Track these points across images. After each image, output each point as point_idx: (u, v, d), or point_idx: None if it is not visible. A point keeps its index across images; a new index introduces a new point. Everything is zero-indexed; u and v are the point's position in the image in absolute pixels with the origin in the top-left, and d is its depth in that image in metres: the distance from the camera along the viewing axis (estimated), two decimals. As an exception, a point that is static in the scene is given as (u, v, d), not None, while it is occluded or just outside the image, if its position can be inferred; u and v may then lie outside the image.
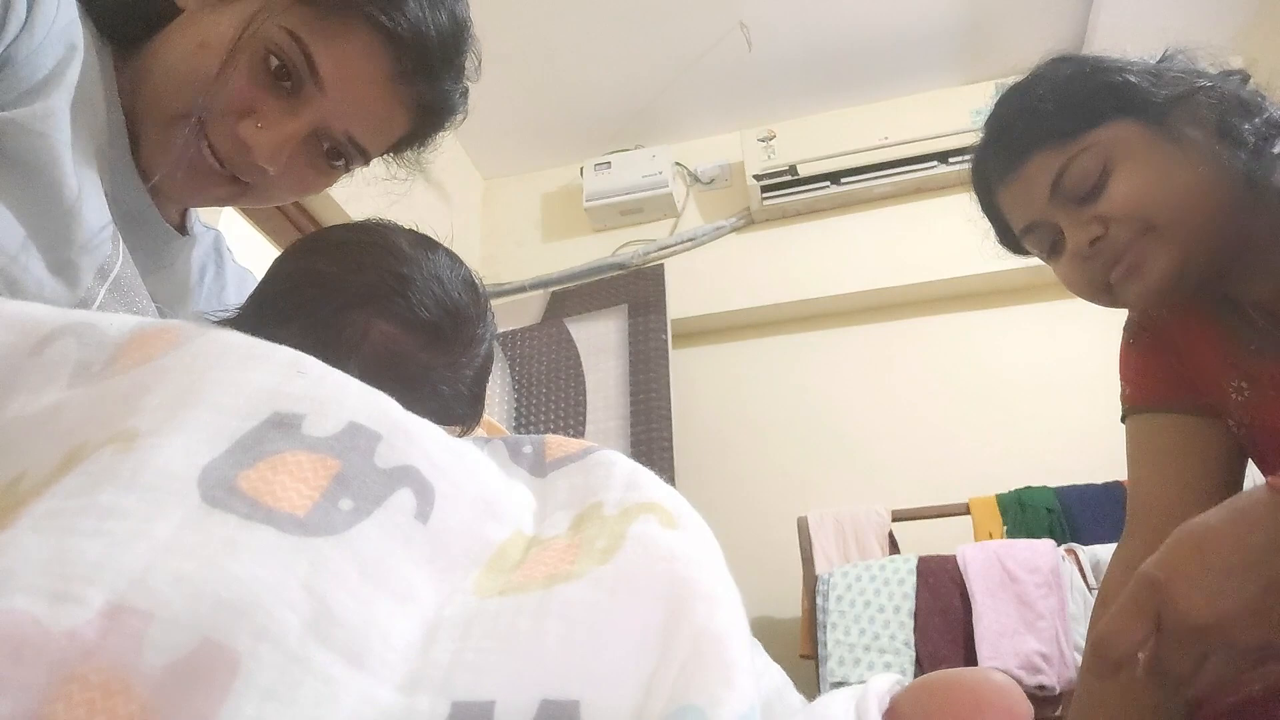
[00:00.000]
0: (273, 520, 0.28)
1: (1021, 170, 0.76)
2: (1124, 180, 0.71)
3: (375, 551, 0.30)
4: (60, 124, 0.52)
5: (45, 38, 0.51)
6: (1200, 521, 0.59)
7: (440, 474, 0.34)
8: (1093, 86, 0.74)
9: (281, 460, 0.30)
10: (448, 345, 0.50)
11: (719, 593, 0.32)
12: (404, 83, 0.62)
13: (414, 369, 0.48)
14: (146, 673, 0.23)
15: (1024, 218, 0.79)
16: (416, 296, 0.48)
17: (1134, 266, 0.72)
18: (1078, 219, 0.73)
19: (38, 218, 0.50)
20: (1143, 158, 0.71)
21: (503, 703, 0.26)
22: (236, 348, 0.36)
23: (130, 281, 0.58)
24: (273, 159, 0.60)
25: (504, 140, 2.78)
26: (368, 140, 0.64)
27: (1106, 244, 0.72)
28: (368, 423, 0.34)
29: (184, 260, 0.71)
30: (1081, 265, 0.75)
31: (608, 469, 0.41)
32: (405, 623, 0.29)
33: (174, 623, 0.23)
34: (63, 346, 0.37)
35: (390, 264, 0.50)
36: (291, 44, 0.58)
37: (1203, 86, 0.72)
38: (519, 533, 0.37)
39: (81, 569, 0.24)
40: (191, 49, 0.59)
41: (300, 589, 0.26)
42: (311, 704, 0.24)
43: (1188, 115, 0.71)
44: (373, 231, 0.53)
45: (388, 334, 0.48)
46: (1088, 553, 1.67)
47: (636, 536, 0.34)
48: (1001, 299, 2.39)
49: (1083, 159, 0.72)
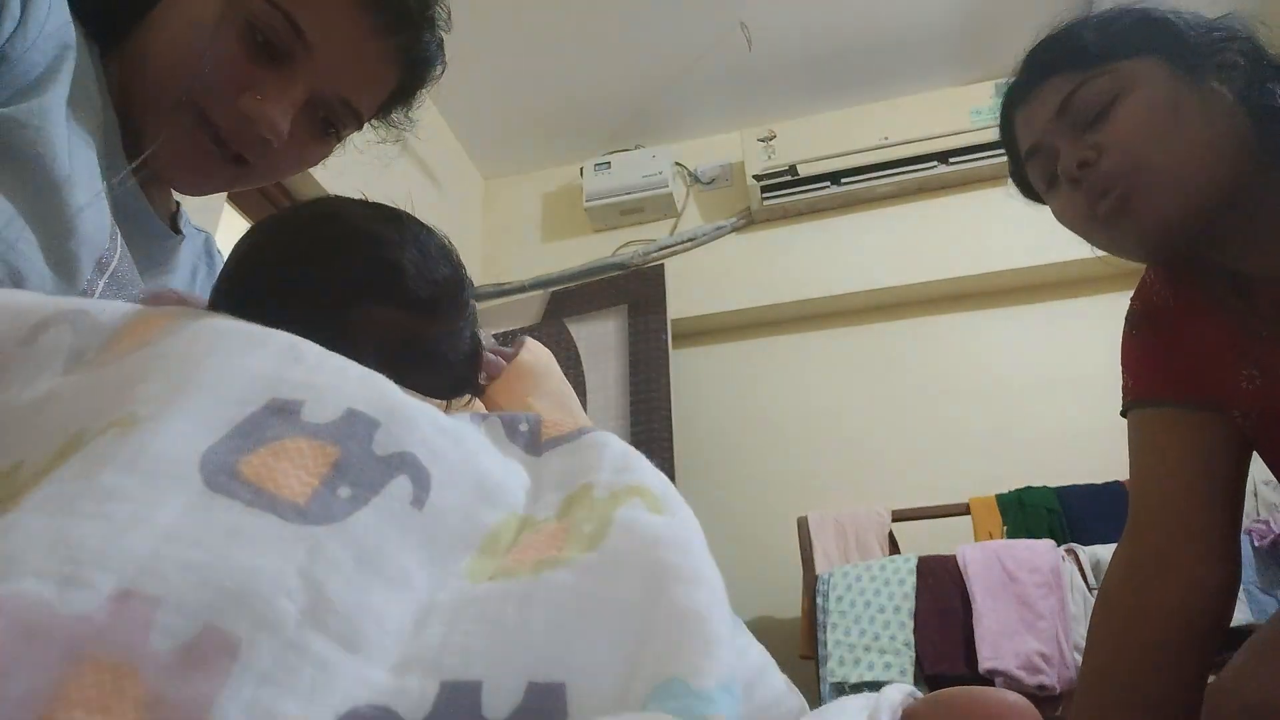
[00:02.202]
0: (275, 508, 0.29)
1: (1038, 91, 0.75)
2: (1130, 112, 0.70)
3: (372, 539, 0.30)
4: (56, 119, 0.52)
5: (39, 36, 0.52)
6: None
7: (437, 460, 0.35)
8: (1128, 20, 0.73)
9: (283, 447, 0.31)
10: (447, 314, 0.52)
11: (700, 574, 0.32)
12: (386, 35, 0.64)
13: (423, 347, 0.50)
14: (153, 656, 0.23)
15: (1028, 139, 0.78)
16: (411, 278, 0.49)
17: (1122, 201, 0.71)
18: (1075, 142, 0.73)
19: (36, 211, 0.51)
20: (1157, 96, 0.69)
21: (490, 683, 0.27)
22: (234, 332, 0.36)
23: (128, 275, 0.59)
24: (275, 128, 0.61)
25: (504, 140, 2.78)
26: (359, 100, 0.66)
27: (1095, 172, 0.71)
28: (366, 409, 0.34)
29: (176, 260, 0.72)
30: (1070, 192, 0.74)
31: (600, 450, 0.42)
32: (399, 608, 0.30)
33: (180, 609, 0.24)
34: (56, 334, 0.37)
35: (375, 250, 0.50)
36: (275, 13, 0.59)
37: (1245, 49, 0.70)
38: (513, 514, 0.37)
39: (88, 553, 0.24)
40: (180, 34, 0.60)
41: (298, 577, 0.27)
42: (307, 688, 0.25)
43: (1219, 70, 0.70)
44: (341, 218, 0.53)
45: (393, 320, 0.49)
46: (1088, 553, 1.67)
47: (622, 521, 0.34)
48: (1001, 299, 2.39)
49: (1096, 83, 0.71)
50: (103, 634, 0.23)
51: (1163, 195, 0.69)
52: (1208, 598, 0.80)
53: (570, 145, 2.79)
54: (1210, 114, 0.68)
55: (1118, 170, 0.70)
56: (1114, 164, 0.70)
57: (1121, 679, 0.81)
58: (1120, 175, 0.70)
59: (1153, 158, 0.68)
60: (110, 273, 0.56)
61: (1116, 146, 0.69)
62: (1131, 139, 0.69)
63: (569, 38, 2.37)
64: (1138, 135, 0.69)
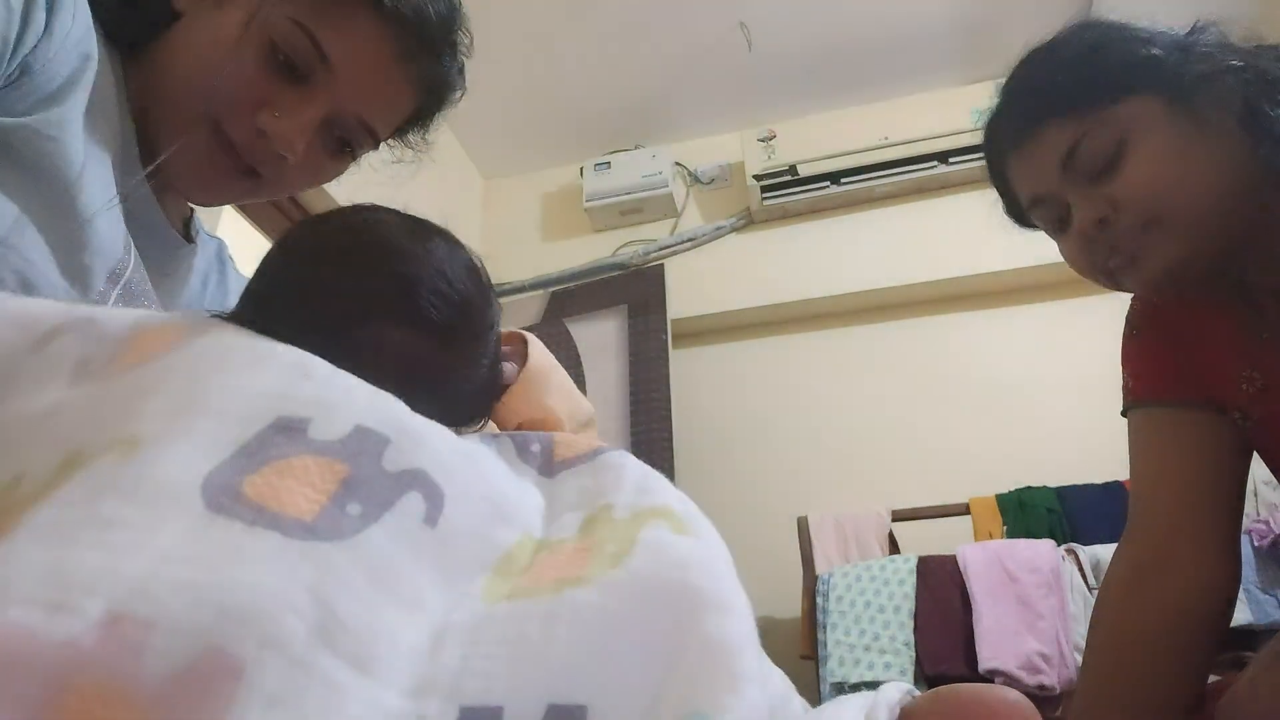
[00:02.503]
0: (279, 525, 0.28)
1: (1034, 138, 0.74)
2: (1140, 163, 0.68)
3: (383, 557, 0.29)
4: (74, 130, 0.52)
5: (62, 46, 0.52)
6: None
7: (449, 477, 0.34)
8: (1117, 58, 0.71)
9: (288, 465, 0.30)
10: (462, 341, 0.49)
11: (730, 602, 0.31)
12: (409, 62, 0.64)
13: (434, 371, 0.47)
14: (147, 681, 0.22)
15: (1032, 189, 0.77)
16: (425, 297, 0.47)
17: (1132, 258, 0.71)
18: (1088, 196, 0.71)
19: (51, 221, 0.51)
20: (1161, 141, 0.68)
21: (511, 708, 0.26)
22: (240, 349, 0.35)
23: (140, 286, 0.59)
24: (292, 146, 0.61)
25: (504, 140, 2.78)
26: (378, 122, 0.66)
27: (1113, 231, 0.70)
28: (376, 425, 0.33)
29: (188, 268, 0.72)
30: (1085, 245, 0.74)
31: (618, 471, 0.41)
32: (413, 630, 0.29)
33: (176, 630, 0.23)
34: (63, 343, 0.36)
35: (393, 265, 0.48)
36: (299, 33, 0.59)
37: (1233, 66, 0.69)
38: (528, 535, 0.36)
39: (80, 579, 0.24)
40: (202, 50, 0.59)
41: (306, 595, 0.26)
42: (318, 711, 0.24)
43: (1214, 96, 0.68)
44: (369, 228, 0.51)
45: (402, 341, 0.46)
46: (1088, 553, 1.67)
47: (648, 542, 0.33)
48: (1001, 299, 2.39)
49: (1099, 134, 0.69)
50: (90, 660, 0.22)
51: (1174, 248, 0.69)
52: (1208, 598, 0.80)
53: (570, 145, 2.79)
54: (1212, 148, 0.68)
55: (1130, 229, 0.69)
56: (1126, 221, 0.69)
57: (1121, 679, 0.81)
58: (1131, 234, 0.70)
59: (1163, 212, 0.68)
60: (124, 283, 0.56)
61: (1132, 203, 0.69)
62: (1144, 195, 0.68)
63: (569, 38, 2.37)
64: (1150, 190, 0.68)
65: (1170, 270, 0.70)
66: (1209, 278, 0.73)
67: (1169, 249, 0.69)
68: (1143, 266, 0.71)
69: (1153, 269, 0.70)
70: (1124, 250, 0.71)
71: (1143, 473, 0.86)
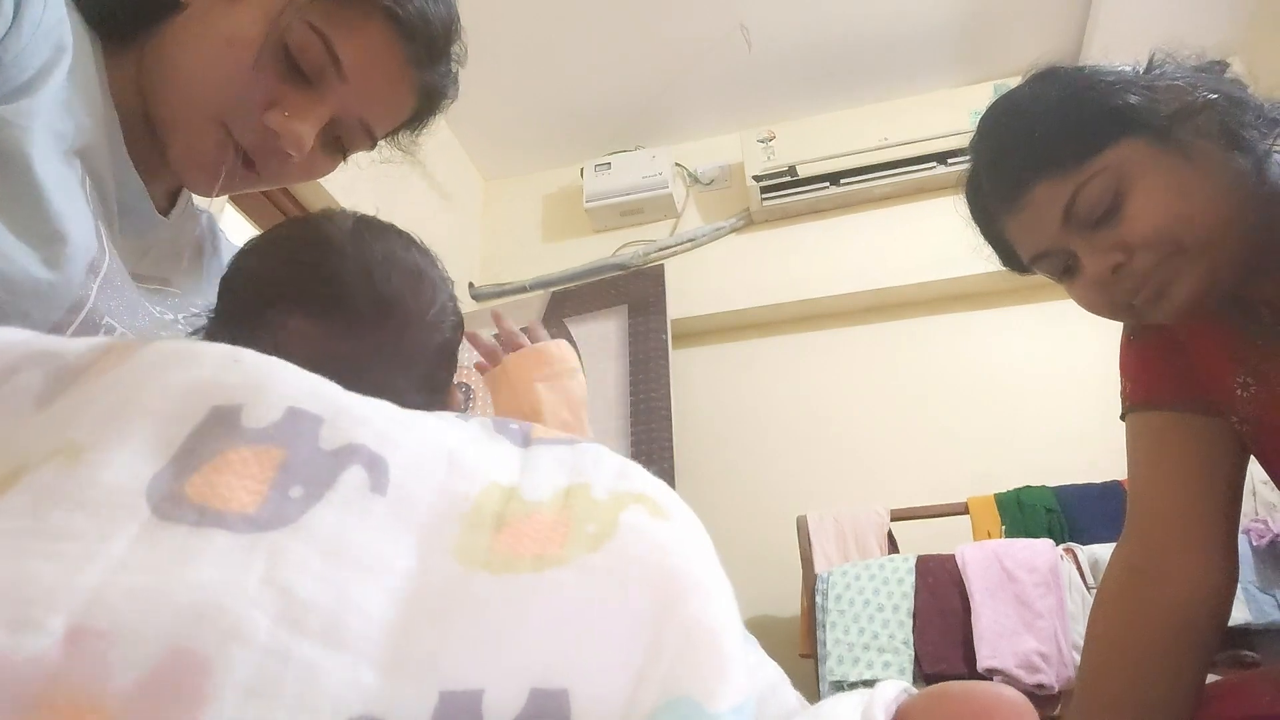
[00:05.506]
0: (223, 522, 0.28)
1: (1026, 200, 0.73)
2: (1142, 203, 0.68)
3: (334, 531, 0.29)
4: (42, 120, 0.52)
5: (32, 38, 0.52)
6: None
7: (391, 445, 0.34)
8: (1091, 110, 0.71)
9: (224, 460, 0.30)
10: (372, 333, 0.49)
11: (711, 585, 0.31)
12: (414, 68, 0.65)
13: (339, 362, 0.45)
14: (117, 690, 0.22)
15: (1034, 246, 0.76)
16: (331, 288, 0.47)
17: (1161, 289, 0.70)
18: (1096, 245, 0.71)
19: (18, 211, 0.51)
20: (1156, 177, 0.68)
21: (491, 691, 0.26)
22: (175, 352, 0.35)
23: (118, 278, 0.59)
24: (299, 145, 0.62)
25: (504, 141, 2.79)
26: (378, 125, 0.67)
27: (1130, 270, 0.70)
28: (308, 406, 0.33)
29: (172, 243, 0.72)
30: (1102, 290, 0.73)
31: (596, 456, 0.40)
32: (381, 594, 0.28)
33: (135, 637, 0.23)
34: (26, 378, 0.36)
35: (309, 255, 0.49)
36: (314, 38, 0.60)
37: (1203, 95, 0.70)
38: (494, 484, 0.35)
39: (39, 594, 0.24)
40: (217, 48, 0.59)
41: (261, 584, 0.26)
42: (295, 693, 0.24)
43: (1193, 127, 0.69)
44: (315, 227, 0.52)
45: (300, 329, 0.47)
46: (1086, 552, 1.67)
47: (628, 525, 0.33)
48: (1001, 299, 2.39)
49: (1093, 184, 0.69)
50: (58, 677, 0.22)
51: (1201, 270, 0.69)
52: (1205, 598, 0.80)
53: (570, 146, 2.79)
54: (1207, 174, 0.68)
55: (1154, 263, 0.69)
56: (1148, 259, 0.69)
57: (1119, 678, 0.82)
58: (1157, 268, 0.69)
59: (1184, 240, 0.68)
60: (102, 275, 0.56)
61: (1145, 243, 0.69)
62: (1158, 231, 0.68)
63: (569, 38, 2.38)
64: (1162, 225, 0.68)
65: (1198, 294, 0.70)
66: (1228, 293, 0.73)
67: (1196, 274, 0.69)
68: (1172, 295, 0.70)
69: (1183, 296, 0.70)
70: (1151, 284, 0.70)
71: (1140, 476, 0.87)
